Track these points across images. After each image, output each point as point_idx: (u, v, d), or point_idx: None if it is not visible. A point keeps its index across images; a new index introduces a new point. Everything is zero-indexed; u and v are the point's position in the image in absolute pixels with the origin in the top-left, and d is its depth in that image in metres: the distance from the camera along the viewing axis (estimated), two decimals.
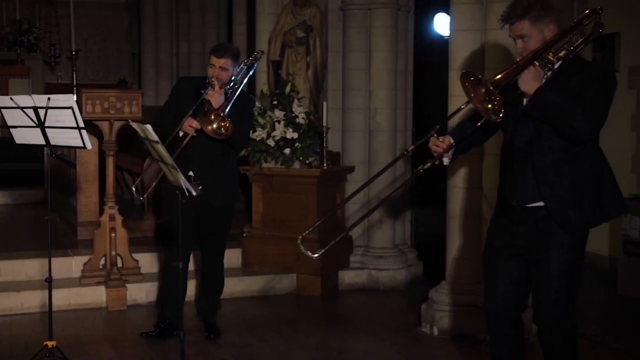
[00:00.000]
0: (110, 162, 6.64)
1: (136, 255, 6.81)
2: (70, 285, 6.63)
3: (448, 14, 5.98)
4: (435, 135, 3.83)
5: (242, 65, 5.60)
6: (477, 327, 5.64)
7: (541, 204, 3.65)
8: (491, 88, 3.39)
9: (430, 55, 11.15)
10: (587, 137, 3.54)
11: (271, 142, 6.94)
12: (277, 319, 6.32)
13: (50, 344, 4.70)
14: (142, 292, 6.68)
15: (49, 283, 4.78)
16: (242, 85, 5.47)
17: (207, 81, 5.40)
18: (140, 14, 13.54)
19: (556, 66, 3.60)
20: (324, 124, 7.07)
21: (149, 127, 3.44)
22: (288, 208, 7.12)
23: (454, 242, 5.86)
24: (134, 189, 5.25)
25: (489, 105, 3.42)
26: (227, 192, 5.62)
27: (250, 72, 5.67)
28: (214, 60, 5.40)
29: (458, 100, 5.57)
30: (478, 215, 5.77)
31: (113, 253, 6.62)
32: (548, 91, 3.52)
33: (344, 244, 7.33)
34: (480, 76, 3.50)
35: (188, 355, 5.25)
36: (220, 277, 5.86)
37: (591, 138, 3.58)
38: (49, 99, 4.38)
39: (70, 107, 4.36)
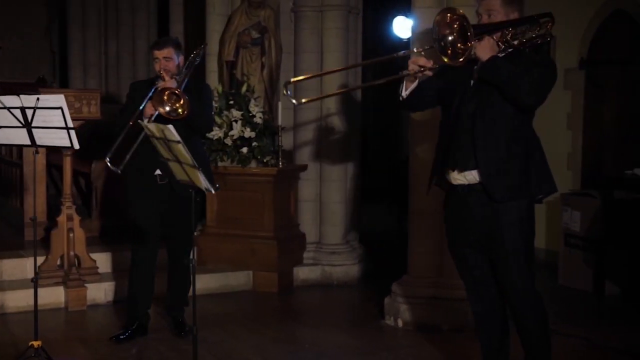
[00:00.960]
0: (67, 162, 6.61)
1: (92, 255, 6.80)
2: (27, 287, 6.55)
3: (407, 17, 6.21)
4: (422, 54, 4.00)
5: (188, 61, 5.67)
6: (440, 318, 5.91)
7: (476, 175, 3.89)
8: (470, 31, 3.63)
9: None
10: (530, 104, 3.86)
11: (228, 142, 7.03)
12: (242, 315, 6.43)
13: (35, 343, 4.69)
14: (100, 292, 6.67)
15: (35, 282, 4.77)
16: (190, 71, 5.51)
17: (156, 75, 5.46)
18: (65, 11, 13.32)
19: (508, 50, 3.87)
20: (279, 123, 7.20)
21: (170, 127, 3.51)
22: (243, 206, 7.21)
23: (416, 236, 6.07)
24: (107, 162, 5.13)
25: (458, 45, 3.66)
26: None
27: (197, 61, 5.74)
28: (157, 53, 5.48)
29: None
30: (438, 211, 5.98)
31: (71, 253, 6.59)
32: (500, 59, 3.83)
33: (296, 241, 7.48)
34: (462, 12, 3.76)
35: (163, 352, 5.36)
36: (188, 272, 5.91)
37: (535, 107, 3.90)
38: (37, 99, 4.39)
39: (60, 108, 4.38)
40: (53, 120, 4.44)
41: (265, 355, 5.35)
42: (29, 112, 4.45)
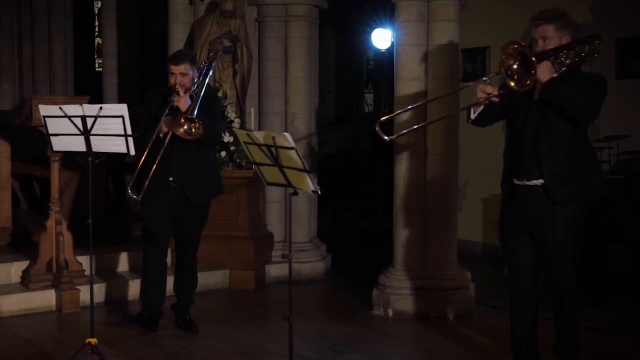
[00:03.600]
0: (55, 167, 6.74)
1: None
2: (15, 291, 6.67)
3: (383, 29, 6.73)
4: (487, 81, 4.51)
5: (202, 67, 6.01)
6: (428, 307, 6.46)
7: (540, 182, 4.44)
8: (533, 59, 4.11)
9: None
10: (587, 121, 4.41)
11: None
12: (235, 310, 6.77)
13: (93, 340, 4.89)
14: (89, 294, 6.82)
15: (91, 281, 5.00)
16: (204, 87, 5.86)
17: (171, 89, 5.74)
18: None
19: (562, 69, 4.44)
20: (252, 127, 7.57)
21: (287, 135, 3.84)
22: (219, 208, 7.48)
23: (401, 232, 6.60)
24: (129, 190, 5.47)
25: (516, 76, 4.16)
26: (206, 189, 6.00)
27: (210, 72, 6.10)
28: (174, 68, 5.75)
29: (403, 105, 6.36)
30: (422, 208, 6.55)
31: (61, 257, 6.71)
32: (558, 81, 4.36)
33: (265, 241, 7.86)
34: (524, 44, 4.22)
35: (176, 351, 5.63)
36: (196, 272, 6.22)
37: (590, 122, 4.45)
38: (100, 108, 4.62)
39: (122, 116, 4.63)
40: (113, 128, 4.67)
41: (280, 346, 5.70)
42: (89, 121, 4.66)
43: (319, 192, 3.98)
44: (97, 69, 14.84)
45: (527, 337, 4.73)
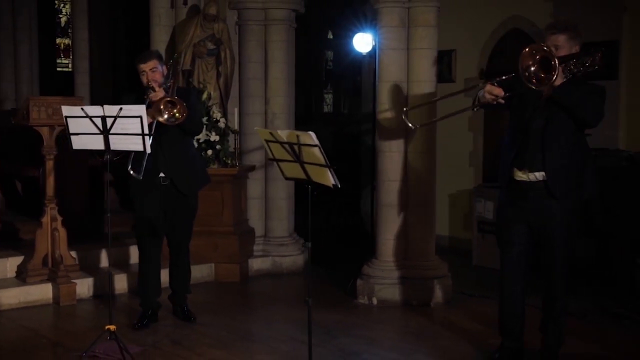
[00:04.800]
0: (49, 166, 6.96)
1: None
2: (13, 285, 6.90)
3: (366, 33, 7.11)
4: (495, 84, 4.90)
5: (170, 68, 6.29)
6: (411, 295, 6.88)
7: (541, 176, 4.88)
8: (554, 62, 4.48)
9: None
10: (592, 124, 4.88)
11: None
12: (226, 301, 7.10)
13: (112, 327, 5.18)
14: (84, 287, 7.09)
15: (109, 273, 5.27)
16: (176, 77, 6.08)
17: (145, 88, 5.89)
18: None
19: (570, 76, 4.86)
20: (236, 127, 7.90)
21: (311, 134, 4.18)
22: (204, 204, 7.77)
23: (385, 226, 7.00)
24: (131, 172, 5.65)
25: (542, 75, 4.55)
26: (195, 180, 6.29)
27: (178, 68, 6.29)
28: (143, 67, 5.94)
29: (386, 105, 6.80)
30: (403, 203, 6.96)
31: (57, 252, 6.95)
32: (569, 85, 4.78)
33: (248, 235, 8.19)
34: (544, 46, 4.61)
35: (180, 339, 5.94)
36: (189, 263, 6.51)
37: (595, 125, 4.90)
38: (120, 109, 4.92)
39: (140, 116, 4.93)
40: (130, 127, 4.97)
41: (278, 332, 6.08)
42: (109, 121, 4.95)
43: (339, 186, 4.33)
44: (58, 69, 14.97)
45: (517, 317, 5.17)
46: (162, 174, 6.05)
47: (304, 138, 4.20)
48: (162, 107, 5.67)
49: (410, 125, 5.23)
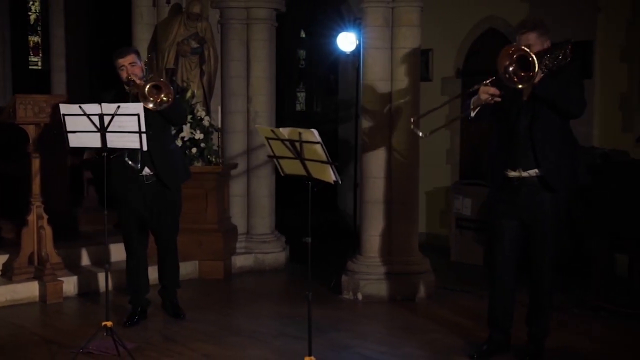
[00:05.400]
0: (36, 164, 6.97)
1: None
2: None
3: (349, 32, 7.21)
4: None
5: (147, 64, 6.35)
6: (396, 290, 7.00)
7: (534, 173, 5.02)
8: (531, 59, 4.60)
9: None
10: (577, 114, 5.00)
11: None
12: (212, 298, 7.17)
13: (108, 324, 5.22)
14: (70, 285, 7.11)
15: (106, 270, 5.31)
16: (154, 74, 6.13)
17: (125, 83, 5.89)
18: None
19: (546, 71, 4.99)
20: (219, 125, 7.97)
21: (314, 131, 4.27)
22: (188, 202, 7.83)
23: (368, 222, 7.12)
24: (129, 161, 5.71)
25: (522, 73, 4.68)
26: (179, 172, 6.32)
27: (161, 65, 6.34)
28: (121, 61, 5.94)
29: (370, 105, 6.92)
30: (386, 199, 7.08)
31: (43, 250, 6.96)
32: (548, 79, 4.91)
33: (231, 233, 8.26)
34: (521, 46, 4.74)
35: (172, 335, 6.00)
36: (177, 257, 6.55)
37: (580, 115, 5.02)
38: (118, 107, 4.97)
39: (137, 114, 4.99)
40: (128, 125, 5.02)
41: (267, 327, 6.17)
42: (106, 119, 5.00)
43: (340, 182, 4.43)
44: (30, 67, 14.87)
45: (507, 311, 5.31)
46: (145, 172, 6.04)
47: (306, 135, 4.30)
48: (147, 93, 5.59)
49: (420, 134, 5.38)
